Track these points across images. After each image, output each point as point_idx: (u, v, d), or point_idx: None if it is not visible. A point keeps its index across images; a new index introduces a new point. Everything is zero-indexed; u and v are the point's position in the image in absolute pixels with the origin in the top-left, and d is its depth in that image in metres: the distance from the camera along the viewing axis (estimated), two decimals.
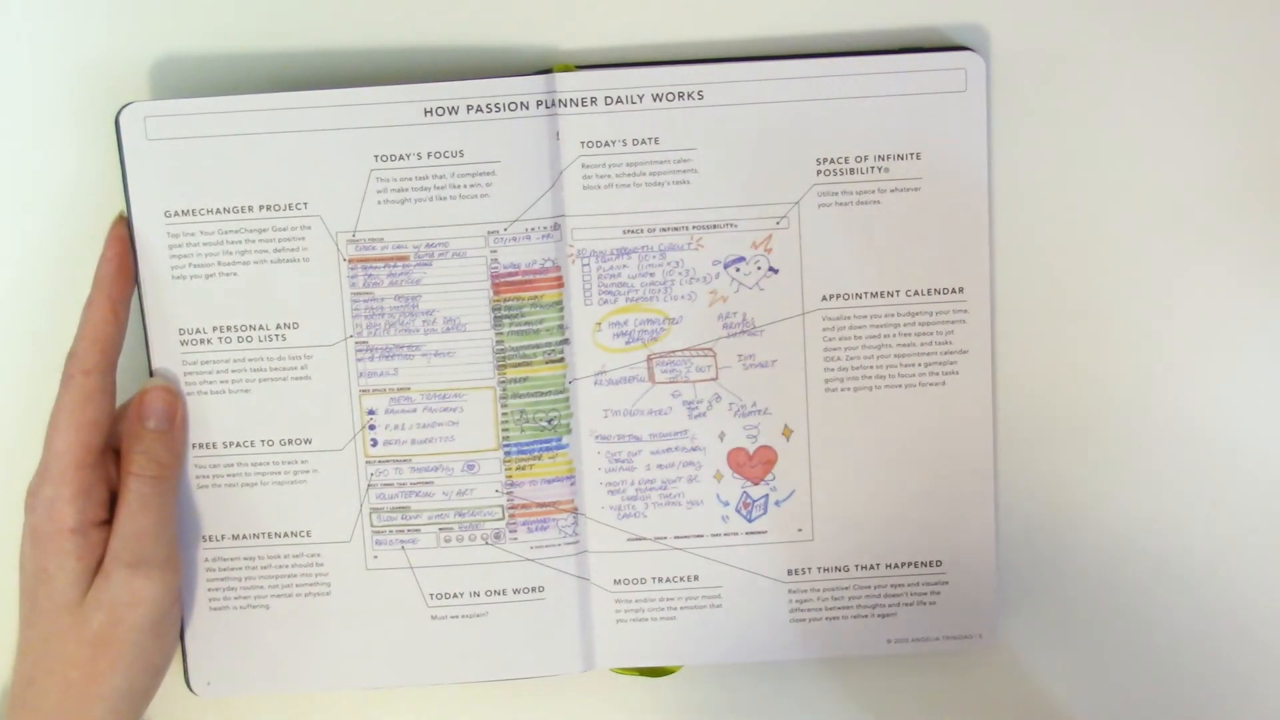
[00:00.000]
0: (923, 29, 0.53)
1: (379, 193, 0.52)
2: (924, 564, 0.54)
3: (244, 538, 0.54)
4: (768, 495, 0.54)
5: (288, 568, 0.54)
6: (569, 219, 0.52)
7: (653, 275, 0.53)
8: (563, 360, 0.53)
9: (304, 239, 0.52)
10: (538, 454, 0.53)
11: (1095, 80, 0.53)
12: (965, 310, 0.53)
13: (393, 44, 0.53)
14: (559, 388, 0.53)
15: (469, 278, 0.52)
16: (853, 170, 0.52)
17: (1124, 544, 0.55)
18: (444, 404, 0.53)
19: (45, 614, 0.50)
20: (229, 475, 0.53)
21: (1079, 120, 0.53)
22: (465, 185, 0.52)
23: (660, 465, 0.54)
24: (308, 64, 0.53)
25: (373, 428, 0.53)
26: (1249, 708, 0.56)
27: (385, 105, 0.51)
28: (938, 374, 0.53)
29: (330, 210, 0.52)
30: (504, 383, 0.53)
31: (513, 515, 0.54)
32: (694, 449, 0.54)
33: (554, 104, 0.51)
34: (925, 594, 0.54)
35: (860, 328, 0.53)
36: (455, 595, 0.54)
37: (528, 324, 0.53)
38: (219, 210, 0.52)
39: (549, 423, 0.53)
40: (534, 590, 0.54)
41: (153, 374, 0.53)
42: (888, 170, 0.52)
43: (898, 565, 0.54)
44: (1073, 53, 0.53)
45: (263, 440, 0.53)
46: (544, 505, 0.54)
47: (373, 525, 0.54)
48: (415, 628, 0.54)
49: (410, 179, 0.52)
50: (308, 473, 0.53)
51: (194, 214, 0.52)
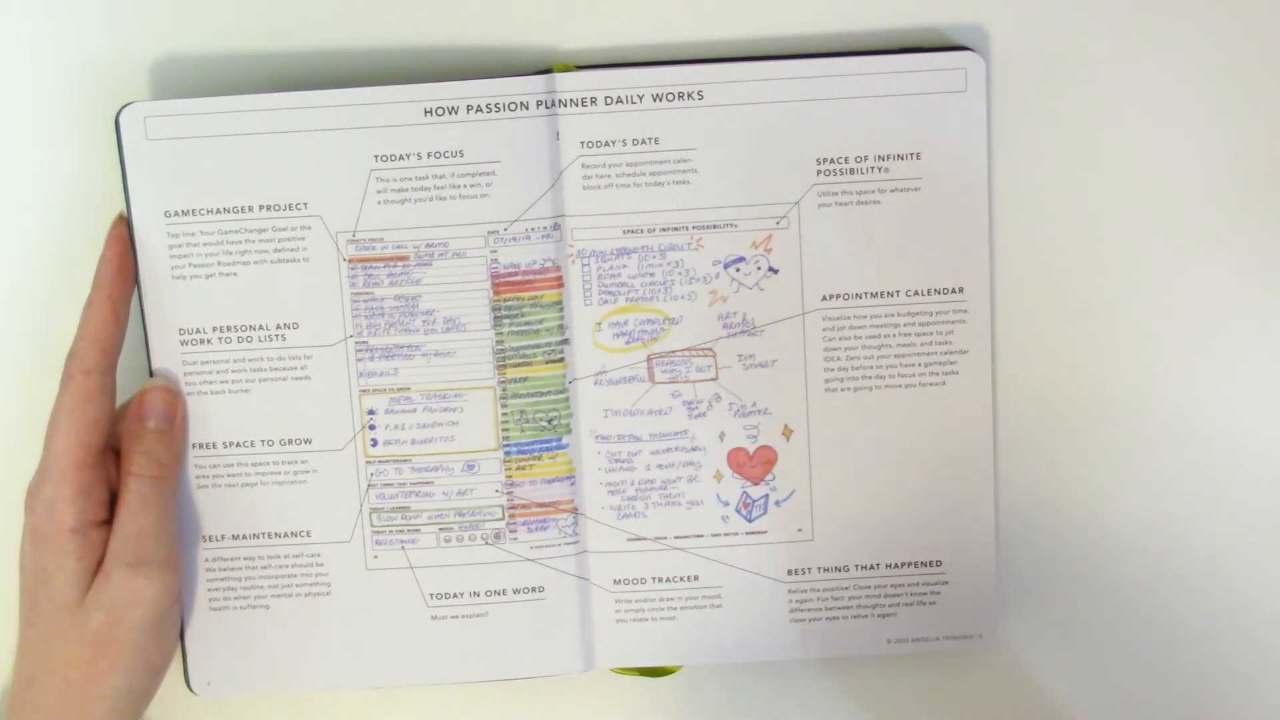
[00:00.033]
0: (923, 29, 0.53)
1: (379, 193, 0.52)
2: (924, 564, 0.54)
3: (244, 538, 0.54)
4: (768, 495, 0.54)
5: (288, 568, 0.54)
6: (569, 219, 0.52)
7: (653, 275, 0.53)
8: (563, 360, 0.53)
9: (304, 239, 0.52)
10: (538, 454, 0.53)
11: (1095, 80, 0.53)
12: (965, 310, 0.53)
13: (393, 44, 0.53)
14: (559, 388, 0.53)
15: (469, 278, 0.52)
16: (853, 170, 0.52)
17: (1124, 544, 0.55)
18: (444, 404, 0.53)
19: (45, 614, 0.50)
20: (229, 475, 0.53)
21: (1079, 120, 0.53)
22: (465, 185, 0.52)
23: (660, 465, 0.54)
24: (308, 64, 0.53)
25: (373, 428, 0.53)
26: (1249, 708, 0.56)
27: (385, 105, 0.51)
28: (938, 374, 0.53)
29: (330, 210, 0.52)
30: (504, 383, 0.53)
31: (513, 515, 0.54)
32: (694, 449, 0.54)
33: (554, 104, 0.51)
34: (925, 594, 0.54)
35: (860, 328, 0.53)
36: (455, 595, 0.54)
37: (528, 324, 0.53)
38: (219, 210, 0.52)
39: (549, 423, 0.53)
40: (534, 590, 0.54)
41: (153, 374, 0.53)
42: (888, 170, 0.52)
43: (898, 565, 0.54)
44: (1073, 53, 0.53)
45: (263, 440, 0.53)
46: (544, 505, 0.54)
47: (373, 525, 0.54)
48: (415, 628, 0.54)
49: (410, 179, 0.52)
50: (308, 473, 0.53)
51: (194, 214, 0.52)
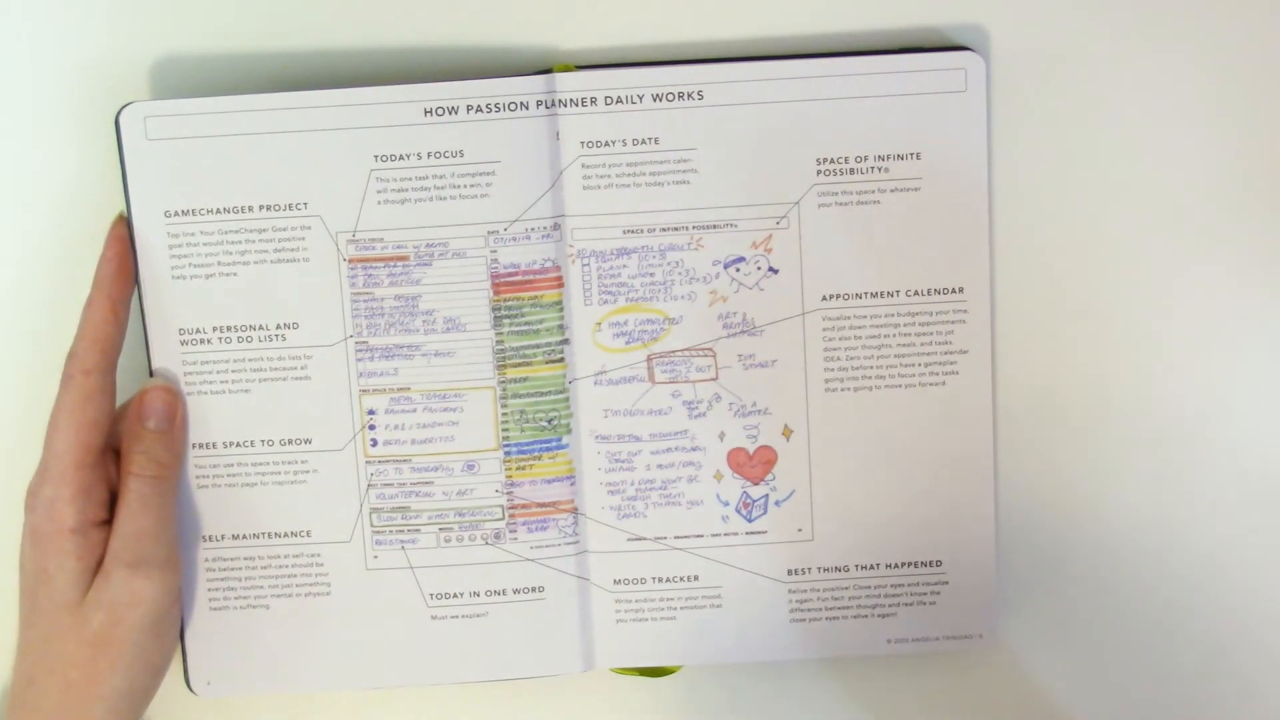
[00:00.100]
0: (923, 29, 0.53)
1: (379, 193, 0.52)
2: (924, 564, 0.54)
3: (244, 538, 0.53)
4: (768, 495, 0.54)
5: (288, 568, 0.54)
6: (569, 219, 0.52)
7: (653, 275, 0.53)
8: (563, 360, 0.53)
9: (304, 239, 0.52)
10: (538, 454, 0.53)
11: (1095, 80, 0.53)
12: (965, 310, 0.53)
13: (393, 44, 0.53)
14: (559, 388, 0.53)
15: (469, 278, 0.52)
16: (853, 170, 0.52)
17: (1124, 543, 0.55)
18: (444, 404, 0.53)
19: (45, 614, 0.50)
20: (229, 475, 0.53)
21: (1079, 120, 0.53)
22: (465, 185, 0.52)
23: (660, 465, 0.54)
24: (308, 64, 0.53)
25: (373, 428, 0.53)
26: (1249, 708, 0.56)
27: (385, 105, 0.51)
28: (938, 374, 0.53)
29: (330, 210, 0.52)
30: (504, 383, 0.53)
31: (513, 515, 0.54)
32: (694, 449, 0.54)
33: (554, 104, 0.51)
34: (925, 594, 0.54)
35: (860, 328, 0.53)
36: (455, 595, 0.54)
37: (528, 324, 0.53)
38: (219, 210, 0.52)
39: (549, 423, 0.53)
40: (534, 590, 0.54)
41: (153, 374, 0.53)
42: (888, 170, 0.52)
43: (898, 565, 0.54)
44: (1073, 53, 0.53)
45: (263, 440, 0.53)
46: (544, 505, 0.54)
47: (373, 525, 0.54)
48: (415, 628, 0.54)
49: (410, 179, 0.52)
50: (308, 473, 0.53)
51: (194, 214, 0.52)
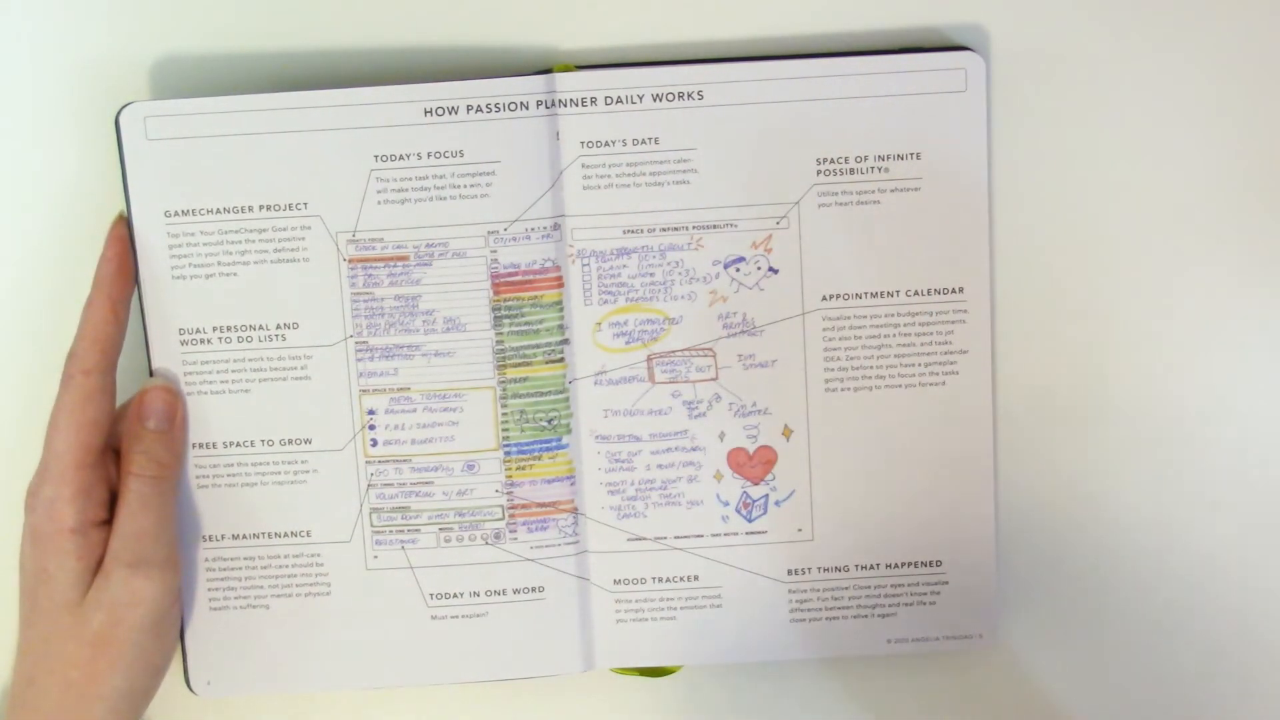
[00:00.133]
0: (923, 29, 0.53)
1: (379, 193, 0.52)
2: (924, 564, 0.54)
3: (244, 538, 0.53)
4: (768, 495, 0.54)
5: (288, 568, 0.54)
6: (569, 219, 0.52)
7: (653, 275, 0.53)
8: (563, 360, 0.53)
9: (304, 239, 0.52)
10: (538, 454, 0.53)
11: (1095, 80, 0.53)
12: (965, 310, 0.53)
13: (393, 44, 0.53)
14: (559, 388, 0.53)
15: (469, 278, 0.52)
16: (853, 170, 0.52)
17: (1124, 543, 0.55)
18: (444, 404, 0.53)
19: (45, 614, 0.50)
20: (229, 475, 0.53)
21: (1079, 120, 0.53)
22: (465, 185, 0.52)
23: (660, 465, 0.54)
24: (308, 64, 0.53)
25: (373, 428, 0.53)
26: (1249, 707, 0.56)
27: (385, 105, 0.51)
28: (938, 374, 0.53)
29: (330, 210, 0.52)
30: (504, 383, 0.53)
31: (513, 515, 0.54)
32: (694, 449, 0.54)
33: (554, 104, 0.51)
34: (925, 594, 0.54)
35: (860, 328, 0.53)
36: (455, 595, 0.54)
37: (528, 324, 0.53)
38: (219, 210, 0.52)
39: (549, 423, 0.53)
40: (534, 590, 0.54)
41: (153, 374, 0.53)
42: (888, 170, 0.52)
43: (898, 565, 0.54)
44: (1073, 53, 0.53)
45: (263, 440, 0.53)
46: (544, 505, 0.54)
47: (373, 525, 0.54)
48: (415, 628, 0.54)
49: (410, 179, 0.52)
50: (308, 473, 0.53)
51: (194, 214, 0.52)
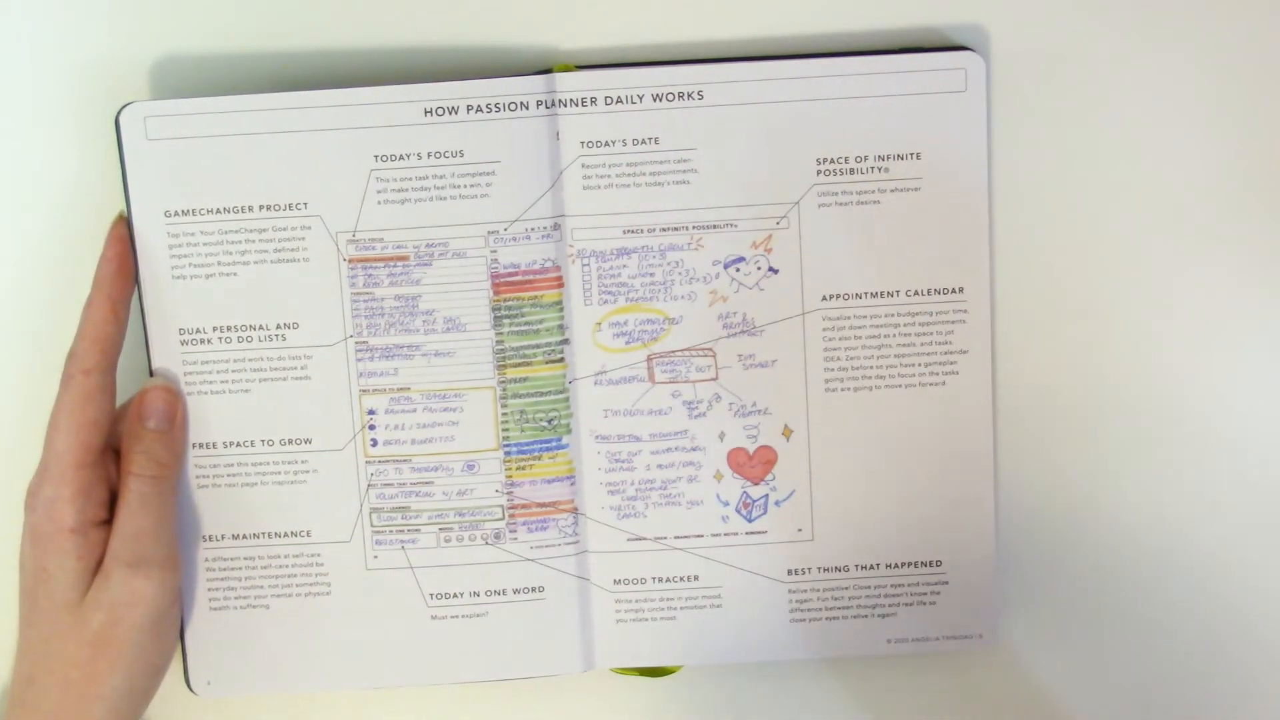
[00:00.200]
0: (923, 29, 0.53)
1: (379, 193, 0.52)
2: (924, 564, 0.54)
3: (244, 538, 0.54)
4: (768, 495, 0.54)
5: (288, 568, 0.54)
6: (569, 219, 0.52)
7: (653, 275, 0.53)
8: (563, 360, 0.53)
9: (304, 239, 0.52)
10: (538, 454, 0.53)
11: (1095, 80, 0.53)
12: (965, 310, 0.53)
13: (393, 44, 0.53)
14: (559, 388, 0.53)
15: (469, 278, 0.52)
16: (853, 170, 0.52)
17: (1124, 543, 0.55)
18: (444, 404, 0.53)
19: (45, 614, 0.50)
20: (229, 475, 0.53)
21: (1079, 120, 0.53)
22: (465, 185, 0.52)
23: (660, 465, 0.54)
24: (308, 64, 0.53)
25: (373, 428, 0.53)
26: (1250, 707, 0.56)
27: (385, 105, 0.51)
28: (938, 374, 0.53)
29: (330, 210, 0.52)
30: (504, 383, 0.53)
31: (513, 515, 0.54)
32: (694, 449, 0.54)
33: (554, 104, 0.51)
34: (925, 594, 0.54)
35: (860, 328, 0.53)
36: (455, 595, 0.54)
37: (528, 324, 0.53)
38: (219, 210, 0.52)
39: (549, 423, 0.53)
40: (534, 590, 0.54)
41: (153, 374, 0.53)
42: (888, 170, 0.52)
43: (898, 565, 0.54)
44: (1073, 53, 0.53)
45: (263, 440, 0.53)
46: (544, 505, 0.54)
47: (373, 525, 0.54)
48: (415, 628, 0.54)
49: (410, 179, 0.52)
50: (308, 473, 0.53)
51: (194, 214, 0.52)
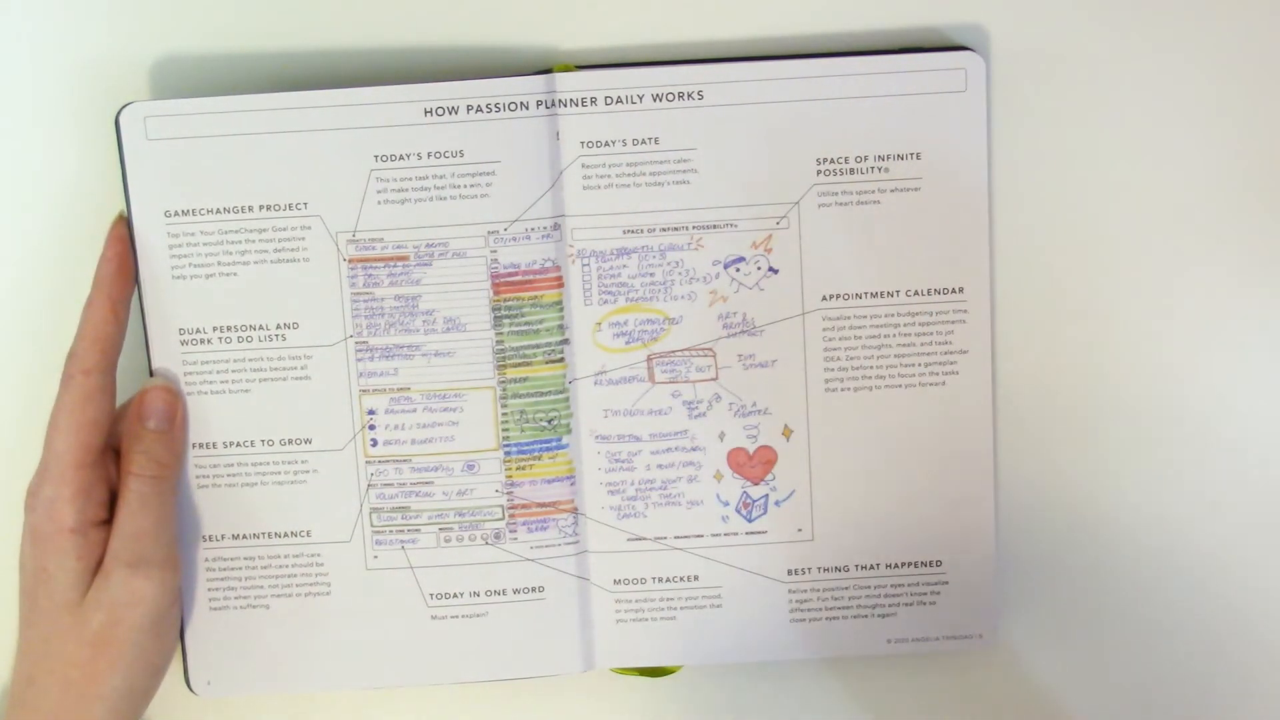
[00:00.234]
0: (923, 29, 0.53)
1: (379, 193, 0.52)
2: (924, 564, 0.54)
3: (244, 538, 0.54)
4: (768, 495, 0.54)
5: (288, 568, 0.54)
6: (569, 219, 0.52)
7: (653, 275, 0.53)
8: (563, 360, 0.53)
9: (304, 239, 0.52)
10: (538, 454, 0.53)
11: (1095, 80, 0.53)
12: (965, 310, 0.53)
13: (393, 44, 0.53)
14: (559, 388, 0.53)
15: (469, 278, 0.52)
16: (853, 170, 0.52)
17: (1124, 543, 0.55)
18: (444, 404, 0.53)
19: (45, 614, 0.50)
20: (229, 475, 0.53)
21: (1079, 120, 0.53)
22: (465, 185, 0.52)
23: (660, 465, 0.54)
24: (308, 64, 0.53)
25: (373, 428, 0.53)
26: (1250, 707, 0.56)
27: (385, 105, 0.51)
28: (938, 374, 0.53)
29: (330, 210, 0.52)
30: (504, 383, 0.53)
31: (513, 515, 0.54)
32: (694, 449, 0.54)
33: (554, 104, 0.51)
34: (925, 594, 0.54)
35: (860, 328, 0.53)
36: (455, 595, 0.54)
37: (528, 324, 0.53)
38: (219, 210, 0.52)
39: (549, 423, 0.53)
40: (534, 590, 0.54)
41: (153, 374, 0.53)
42: (888, 170, 0.52)
43: (898, 565, 0.54)
44: (1073, 53, 0.53)
45: (263, 440, 0.53)
46: (544, 505, 0.54)
47: (373, 525, 0.54)
48: (415, 628, 0.54)
49: (410, 179, 0.52)
50: (308, 473, 0.53)
51: (194, 214, 0.52)
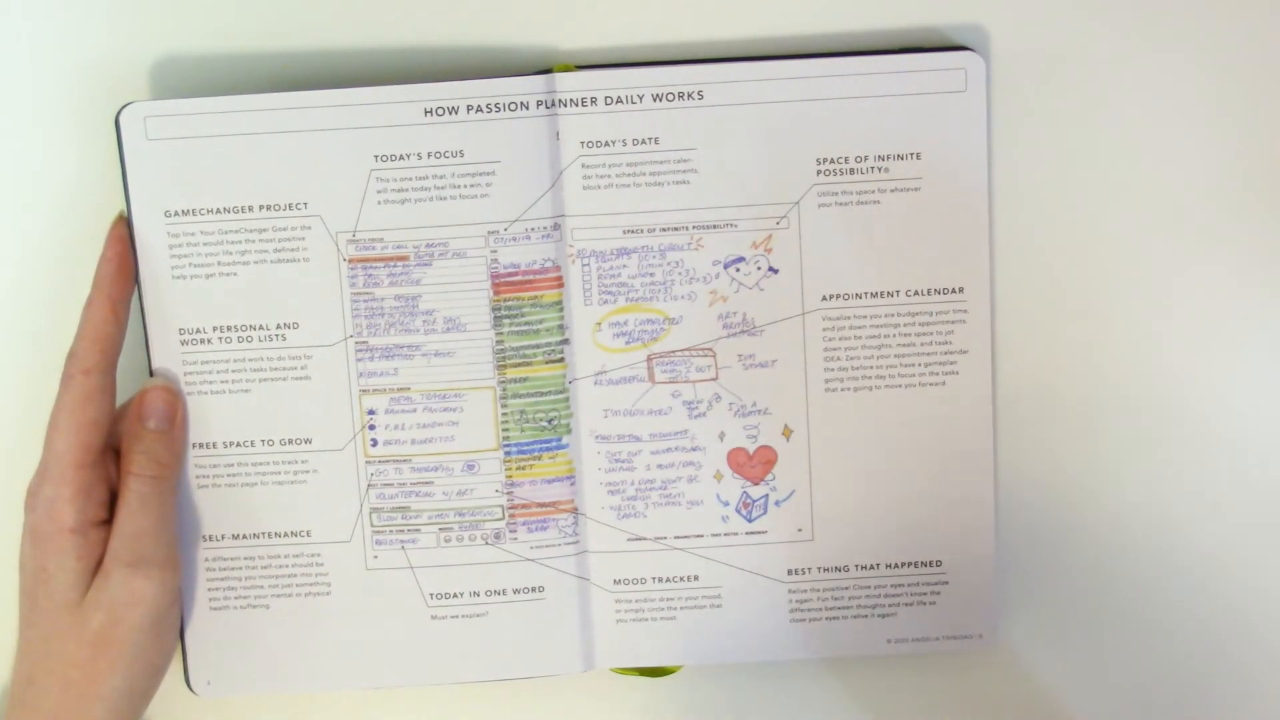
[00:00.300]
0: (923, 29, 0.53)
1: (379, 193, 0.52)
2: (924, 564, 0.54)
3: (244, 538, 0.54)
4: (768, 495, 0.54)
5: (288, 568, 0.54)
6: (569, 219, 0.52)
7: (653, 275, 0.53)
8: (563, 360, 0.53)
9: (304, 239, 0.52)
10: (538, 454, 0.53)
11: (1095, 80, 0.53)
12: (965, 310, 0.53)
13: (393, 44, 0.53)
14: (559, 388, 0.53)
15: (469, 278, 0.52)
16: (853, 170, 0.52)
17: (1124, 544, 0.55)
18: (444, 404, 0.53)
19: (45, 614, 0.50)
20: (229, 475, 0.53)
21: (1079, 120, 0.53)
22: (465, 185, 0.52)
23: (660, 465, 0.54)
24: (308, 64, 0.53)
25: (373, 428, 0.53)
26: (1250, 707, 0.56)
27: (385, 105, 0.51)
28: (938, 374, 0.53)
29: (330, 210, 0.52)
30: (504, 383, 0.53)
31: (513, 515, 0.54)
32: (694, 449, 0.54)
33: (554, 104, 0.51)
34: (925, 594, 0.54)
35: (860, 328, 0.53)
36: (455, 595, 0.54)
37: (528, 324, 0.53)
38: (219, 210, 0.52)
39: (549, 423, 0.53)
40: (534, 590, 0.54)
41: (153, 374, 0.53)
42: (888, 170, 0.52)
43: (898, 565, 0.54)
44: (1073, 53, 0.53)
45: (263, 440, 0.53)
46: (544, 505, 0.54)
47: (373, 525, 0.54)
48: (415, 628, 0.54)
49: (410, 179, 0.52)
50: (308, 473, 0.53)
51: (194, 214, 0.52)
